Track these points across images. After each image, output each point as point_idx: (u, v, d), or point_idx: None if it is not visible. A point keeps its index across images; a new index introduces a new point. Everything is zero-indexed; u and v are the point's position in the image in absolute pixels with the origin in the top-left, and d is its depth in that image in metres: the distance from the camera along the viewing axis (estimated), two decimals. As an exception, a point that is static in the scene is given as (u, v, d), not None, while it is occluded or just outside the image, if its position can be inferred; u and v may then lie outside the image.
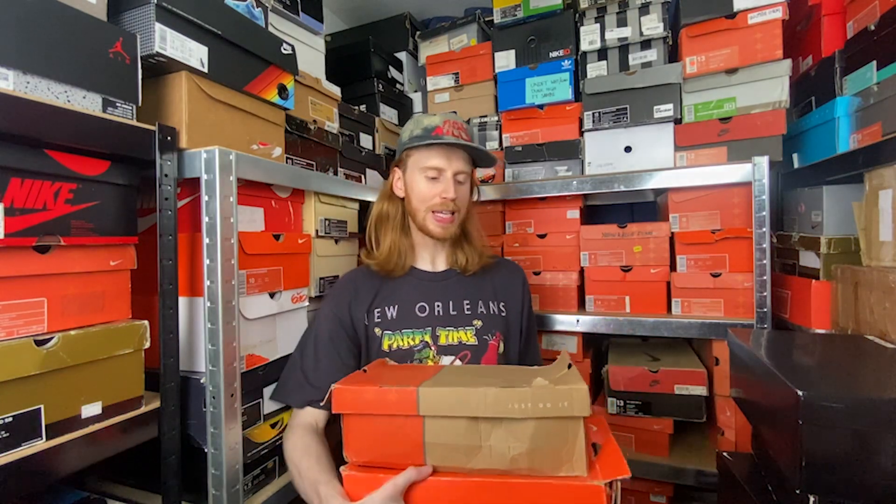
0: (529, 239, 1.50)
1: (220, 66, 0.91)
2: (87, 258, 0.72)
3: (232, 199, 0.85)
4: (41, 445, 0.65)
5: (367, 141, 1.58)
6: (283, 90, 1.08)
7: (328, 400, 0.71)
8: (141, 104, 0.79)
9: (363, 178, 1.48)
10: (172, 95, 0.86)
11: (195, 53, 0.86)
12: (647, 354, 1.43)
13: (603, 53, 1.49)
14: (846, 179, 1.14)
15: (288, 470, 0.86)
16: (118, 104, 0.75)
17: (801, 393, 0.62)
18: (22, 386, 0.63)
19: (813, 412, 0.61)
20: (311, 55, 1.34)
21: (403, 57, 1.95)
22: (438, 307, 1.00)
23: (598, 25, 1.47)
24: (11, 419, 0.62)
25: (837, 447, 0.61)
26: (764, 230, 1.17)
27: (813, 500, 0.63)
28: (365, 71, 1.74)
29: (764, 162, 1.17)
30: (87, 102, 0.71)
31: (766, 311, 1.17)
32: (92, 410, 0.71)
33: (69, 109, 0.67)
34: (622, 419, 1.36)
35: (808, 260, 1.23)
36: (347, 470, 0.70)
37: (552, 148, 1.51)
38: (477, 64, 1.70)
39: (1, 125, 0.59)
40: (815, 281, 1.15)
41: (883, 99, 1.06)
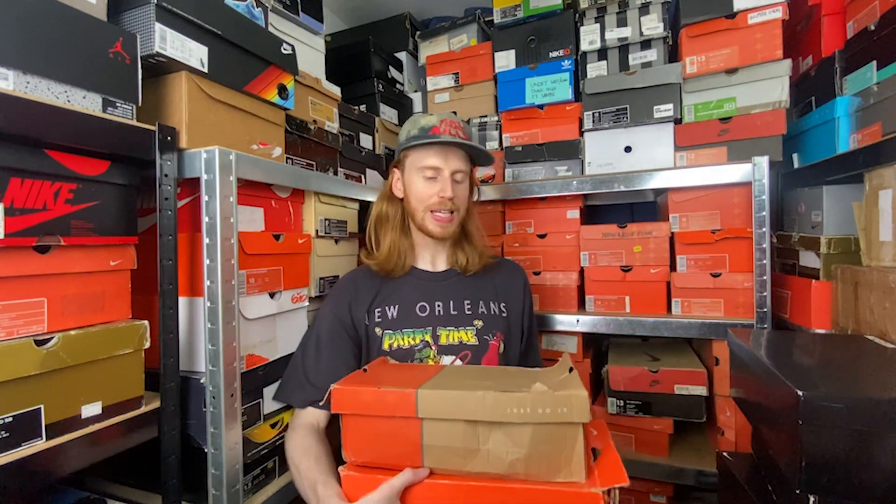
0: (529, 239, 1.50)
1: (220, 66, 0.91)
2: (87, 258, 0.72)
3: (232, 199, 0.85)
4: (41, 445, 0.65)
5: (367, 141, 1.58)
6: (283, 90, 1.08)
7: (327, 400, 0.71)
8: (141, 104, 0.79)
9: (363, 178, 1.48)
10: (172, 95, 0.86)
11: (195, 53, 0.86)
12: (647, 354, 1.43)
13: (603, 53, 1.49)
14: (846, 179, 1.14)
15: (288, 470, 0.86)
16: (118, 104, 0.75)
17: (801, 393, 0.62)
18: (22, 386, 0.63)
19: (813, 412, 0.61)
20: (311, 55, 1.34)
21: (403, 57, 1.95)
22: (439, 307, 1.00)
23: (598, 25, 1.47)
24: (11, 419, 0.62)
25: (837, 447, 0.61)
26: (764, 230, 1.17)
27: (813, 500, 0.63)
28: (365, 71, 1.74)
29: (764, 162, 1.17)
30: (87, 102, 0.71)
31: (766, 311, 1.17)
32: (92, 410, 0.71)
33: (69, 109, 0.67)
34: (622, 419, 1.36)
35: (808, 260, 1.23)
36: (346, 470, 0.70)
37: (552, 148, 1.51)
38: (477, 64, 1.70)
39: (1, 125, 0.59)
40: (815, 281, 1.15)
41: (883, 99, 1.06)
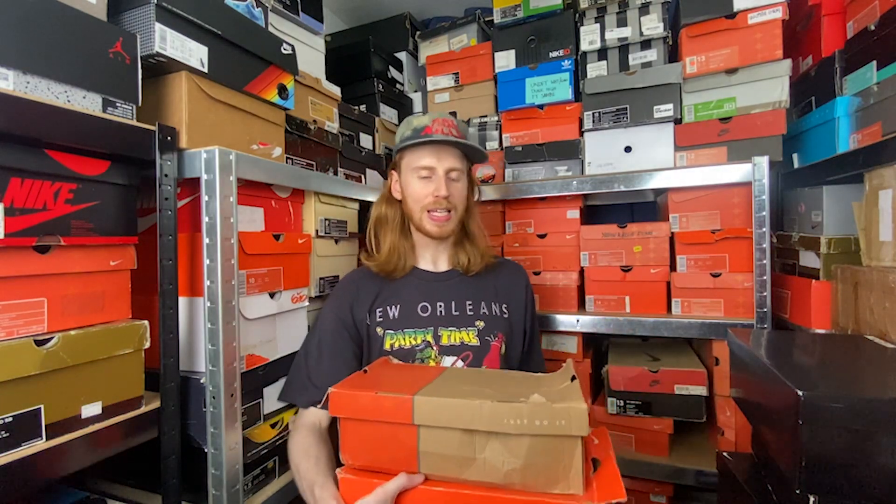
0: (529, 239, 1.50)
1: (220, 66, 0.91)
2: (87, 258, 0.72)
3: (232, 199, 0.85)
4: (41, 445, 0.65)
5: (367, 141, 1.58)
6: (283, 90, 1.08)
7: (325, 402, 0.71)
8: (141, 104, 0.79)
9: (363, 178, 1.48)
10: (172, 95, 0.86)
11: (195, 53, 0.86)
12: (647, 354, 1.43)
13: (603, 53, 1.49)
14: (846, 179, 1.14)
15: (288, 469, 0.86)
16: (118, 104, 0.75)
17: (801, 393, 0.62)
18: (22, 386, 0.63)
19: (813, 412, 0.61)
20: (311, 55, 1.34)
21: (403, 57, 1.95)
22: (441, 307, 1.00)
23: (598, 25, 1.47)
24: (11, 419, 0.62)
25: (837, 447, 0.61)
26: (764, 230, 1.17)
27: (813, 500, 0.63)
28: (365, 71, 1.74)
29: (764, 162, 1.17)
30: (87, 102, 0.71)
31: (766, 311, 1.17)
32: (92, 410, 0.71)
33: (69, 109, 0.67)
34: (622, 419, 1.36)
35: (808, 260, 1.23)
36: (343, 472, 0.70)
37: (552, 148, 1.51)
38: (477, 64, 1.70)
39: (1, 125, 0.59)
40: (815, 281, 1.15)
41: (883, 99, 1.06)
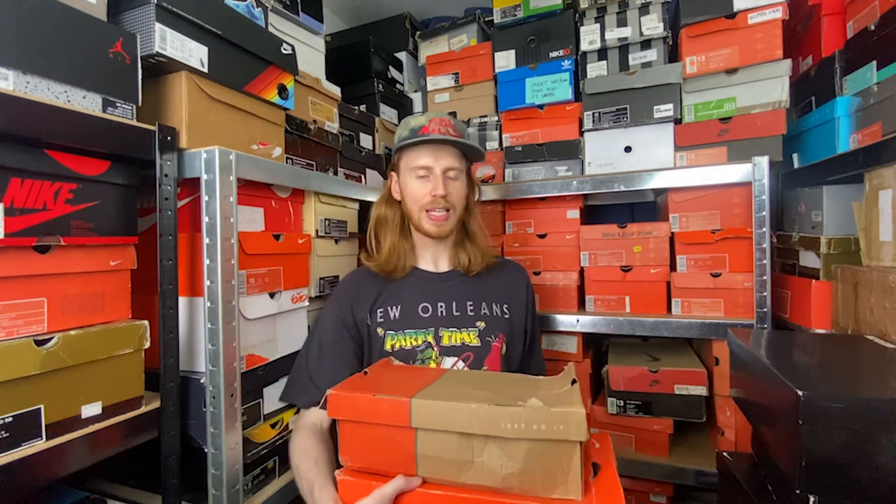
0: (529, 239, 1.50)
1: (220, 66, 0.91)
2: (87, 258, 0.72)
3: (232, 199, 0.85)
4: (41, 445, 0.65)
5: (367, 141, 1.58)
6: (283, 90, 1.08)
7: (324, 404, 0.71)
8: (141, 104, 0.79)
9: (363, 178, 1.48)
10: (172, 95, 0.86)
11: (195, 53, 0.86)
12: (647, 354, 1.43)
13: (603, 53, 1.49)
14: (846, 179, 1.14)
15: (288, 469, 0.86)
16: (118, 104, 0.75)
17: (801, 393, 0.62)
18: (22, 386, 0.63)
19: (813, 412, 0.61)
20: (311, 55, 1.34)
21: (403, 57, 1.95)
22: (441, 308, 1.00)
23: (598, 25, 1.47)
24: (11, 419, 0.62)
25: (837, 447, 0.61)
26: (764, 230, 1.17)
27: (813, 500, 0.63)
28: (365, 71, 1.74)
29: (764, 162, 1.17)
30: (87, 102, 0.71)
31: (766, 311, 1.17)
32: (92, 410, 0.71)
33: (69, 109, 0.67)
34: (622, 419, 1.36)
35: (808, 260, 1.23)
36: (342, 474, 0.70)
37: (552, 148, 1.51)
38: (477, 64, 1.70)
39: (1, 125, 0.59)
40: (815, 281, 1.15)
41: (883, 99, 1.06)
